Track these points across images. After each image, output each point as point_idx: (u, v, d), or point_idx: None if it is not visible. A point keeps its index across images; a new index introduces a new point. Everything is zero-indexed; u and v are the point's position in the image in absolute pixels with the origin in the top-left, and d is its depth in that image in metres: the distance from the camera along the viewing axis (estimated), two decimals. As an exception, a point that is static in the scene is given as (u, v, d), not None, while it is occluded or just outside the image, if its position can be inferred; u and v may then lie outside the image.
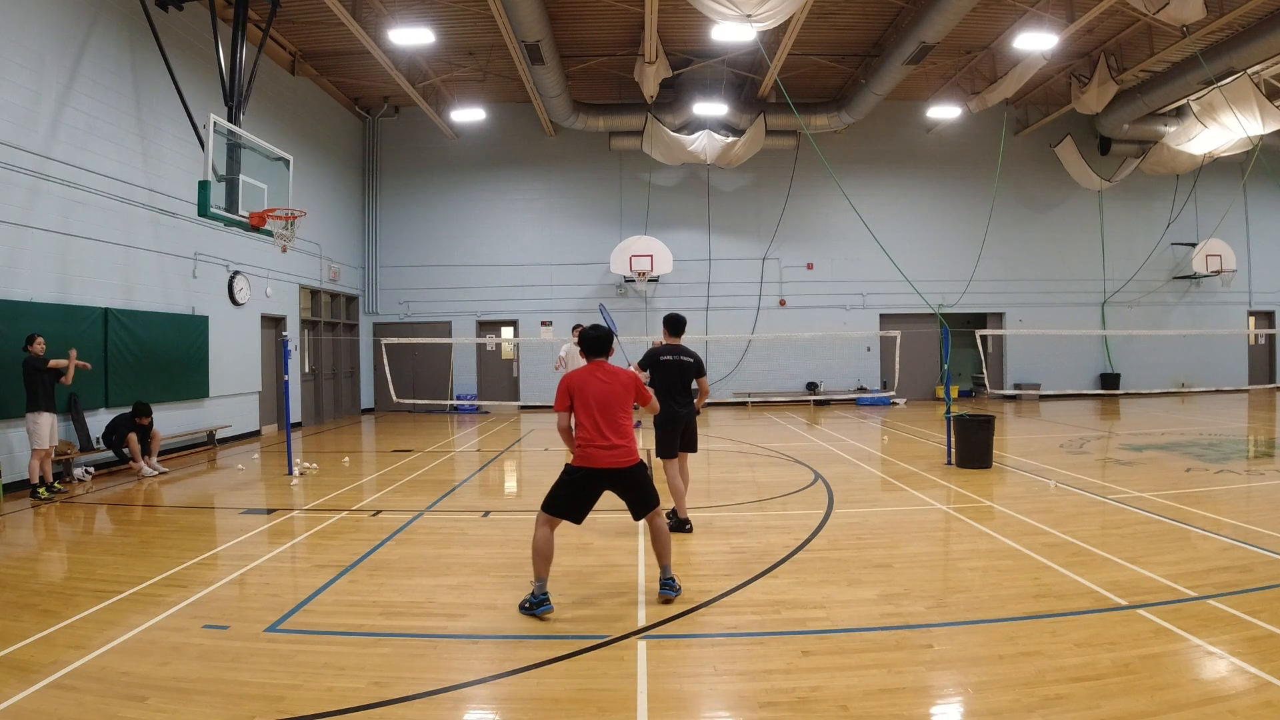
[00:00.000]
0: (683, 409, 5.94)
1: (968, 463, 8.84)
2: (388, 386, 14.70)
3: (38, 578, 5.35)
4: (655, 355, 5.95)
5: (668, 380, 5.89)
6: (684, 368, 5.93)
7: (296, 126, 15.07)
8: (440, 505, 7.38)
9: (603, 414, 4.30)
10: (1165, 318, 19.84)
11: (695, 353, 6.04)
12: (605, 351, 4.57)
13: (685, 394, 5.98)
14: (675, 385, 5.91)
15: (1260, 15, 13.02)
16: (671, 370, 5.91)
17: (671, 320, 6.15)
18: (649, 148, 17.34)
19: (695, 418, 6.09)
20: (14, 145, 8.46)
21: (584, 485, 4.33)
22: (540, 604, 4.21)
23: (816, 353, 18.49)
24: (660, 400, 5.67)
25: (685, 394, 5.98)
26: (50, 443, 8.04)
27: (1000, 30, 14.56)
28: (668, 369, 5.90)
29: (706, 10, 11.44)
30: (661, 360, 5.91)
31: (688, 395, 6.00)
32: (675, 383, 5.91)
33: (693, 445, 6.15)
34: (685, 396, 5.98)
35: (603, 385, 4.36)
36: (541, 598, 4.23)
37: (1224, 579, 4.63)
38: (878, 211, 17.48)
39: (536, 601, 4.23)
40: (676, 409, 5.90)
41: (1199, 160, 18.04)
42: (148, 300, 10.71)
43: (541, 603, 4.21)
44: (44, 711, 3.20)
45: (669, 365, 5.90)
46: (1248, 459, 9.41)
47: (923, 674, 3.47)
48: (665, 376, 5.89)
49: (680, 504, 6.03)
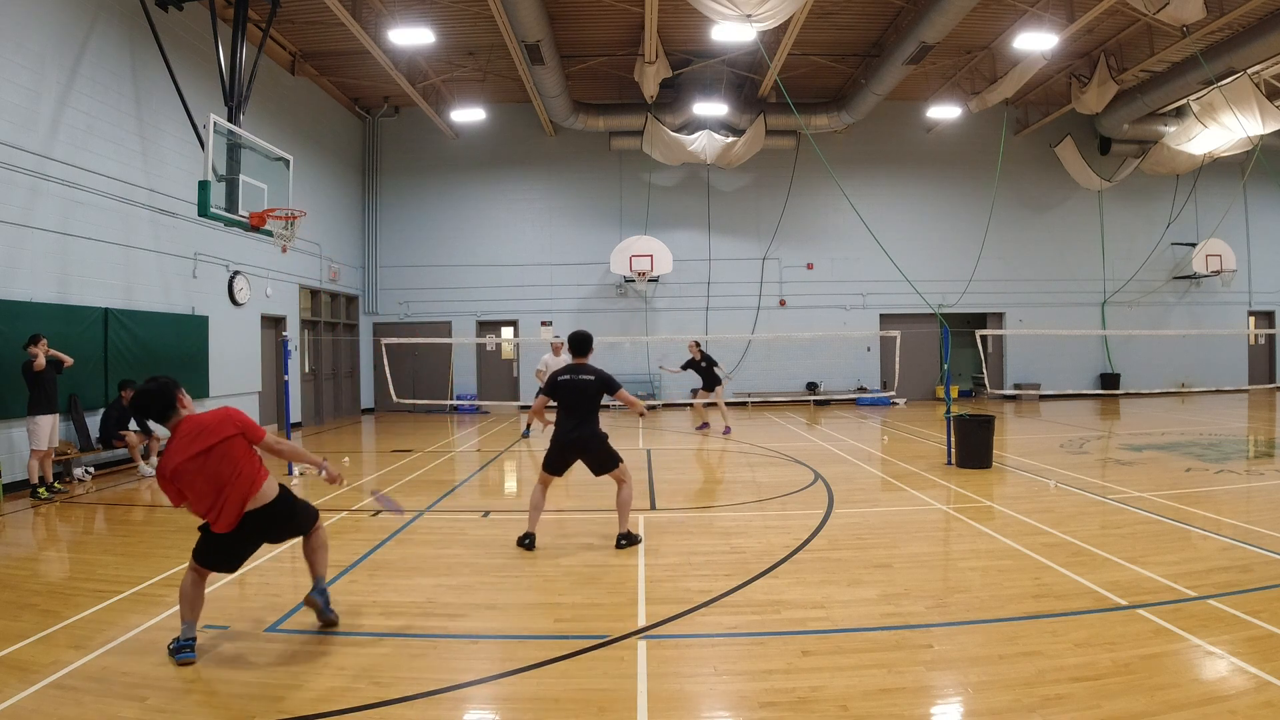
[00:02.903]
0: (574, 432, 5.63)
1: (968, 463, 8.84)
2: (388, 386, 14.70)
3: (38, 578, 5.35)
4: (554, 377, 5.73)
5: (565, 401, 5.66)
6: (582, 388, 5.64)
7: (296, 126, 15.07)
8: (440, 505, 7.38)
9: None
10: (1165, 318, 19.84)
11: (599, 371, 5.74)
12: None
13: (586, 415, 5.65)
14: (573, 406, 5.64)
15: (1260, 15, 13.02)
16: (568, 391, 5.65)
17: (573, 339, 5.86)
18: (649, 148, 17.34)
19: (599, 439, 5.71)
20: (14, 145, 8.46)
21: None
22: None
23: (816, 353, 18.47)
24: (557, 421, 5.68)
25: (586, 415, 5.65)
26: (50, 444, 8.03)
27: (1000, 30, 14.56)
28: (565, 389, 5.65)
29: (706, 10, 11.45)
30: (559, 381, 5.68)
31: (589, 416, 5.68)
32: (573, 404, 5.64)
33: (600, 467, 5.78)
34: (584, 418, 5.64)
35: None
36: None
37: (1224, 579, 4.63)
38: (878, 211, 17.48)
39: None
40: (564, 431, 5.65)
41: (1199, 160, 18.04)
42: (148, 300, 10.71)
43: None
44: (44, 711, 3.20)
45: (565, 385, 5.65)
46: (1248, 459, 9.41)
47: (923, 674, 3.47)
48: (563, 397, 5.66)
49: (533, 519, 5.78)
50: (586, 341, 5.85)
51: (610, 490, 5.96)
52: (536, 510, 5.81)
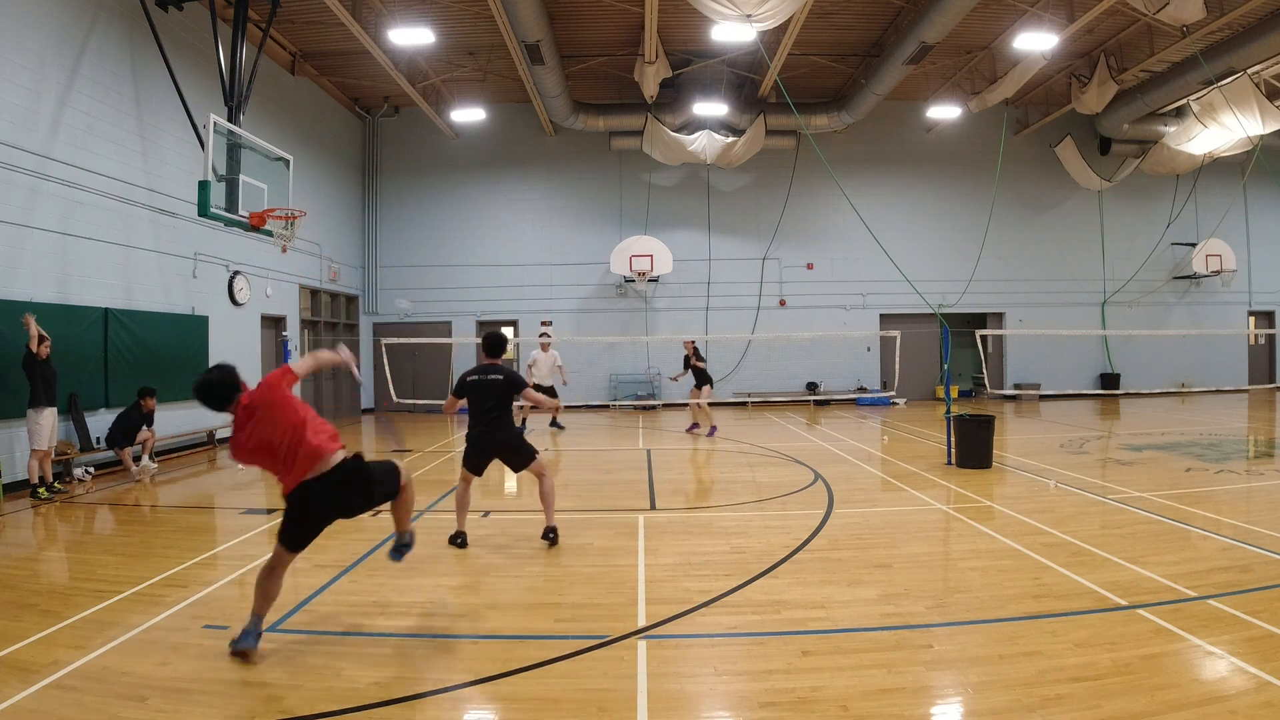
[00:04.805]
0: (484, 429, 5.71)
1: (968, 463, 8.84)
2: (388, 386, 14.70)
3: (38, 578, 5.36)
4: (463, 378, 5.79)
5: (475, 401, 5.72)
6: (490, 387, 5.69)
7: (296, 126, 15.07)
8: (440, 505, 7.37)
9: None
10: (1165, 318, 19.83)
11: (508, 370, 5.80)
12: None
13: (496, 414, 5.72)
14: (482, 405, 5.70)
15: (1260, 15, 13.02)
16: (475, 390, 5.71)
17: (486, 340, 5.91)
18: (649, 148, 17.34)
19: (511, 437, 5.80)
20: (14, 145, 8.46)
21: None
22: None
23: (816, 353, 18.45)
24: (470, 421, 5.74)
25: (496, 414, 5.72)
26: (50, 443, 8.03)
27: (1000, 30, 14.56)
28: (474, 389, 5.72)
29: (706, 10, 11.45)
30: (468, 381, 5.75)
31: (499, 415, 5.74)
32: (482, 402, 5.70)
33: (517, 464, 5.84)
34: (495, 416, 5.72)
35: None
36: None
37: (1224, 579, 4.63)
38: (878, 211, 17.47)
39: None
40: (476, 432, 5.72)
41: (1199, 160, 18.03)
42: (148, 300, 10.71)
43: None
44: (44, 711, 3.20)
45: (474, 385, 5.72)
46: (1248, 459, 9.40)
47: (923, 674, 3.47)
48: (473, 397, 5.72)
49: (460, 518, 5.85)
50: (500, 342, 5.92)
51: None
52: (463, 509, 5.89)
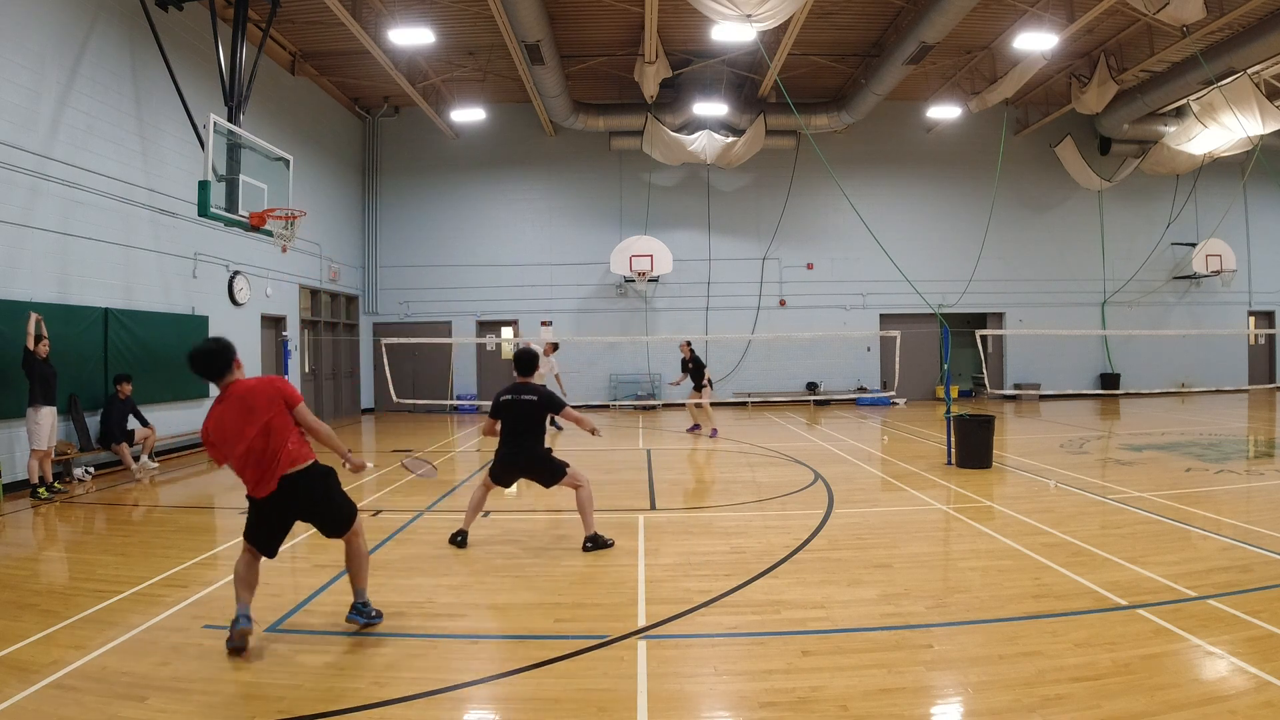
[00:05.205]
0: (516, 453, 5.62)
1: (968, 463, 8.84)
2: (388, 386, 14.70)
3: (38, 578, 5.36)
4: (497, 397, 5.72)
5: (508, 421, 5.64)
6: (524, 408, 5.61)
7: (296, 126, 15.07)
8: (440, 505, 7.37)
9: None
10: (1165, 318, 19.84)
11: (542, 389, 5.67)
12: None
13: (528, 435, 5.63)
14: (516, 426, 5.62)
15: (1260, 15, 13.02)
16: (509, 410, 5.63)
17: (517, 358, 5.81)
18: (649, 148, 17.34)
19: (539, 456, 5.67)
20: (14, 145, 8.46)
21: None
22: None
23: (816, 353, 18.46)
24: (501, 440, 5.65)
25: (528, 435, 5.63)
26: (49, 443, 8.03)
27: (1000, 30, 14.56)
28: (507, 410, 5.64)
29: (706, 10, 11.45)
30: (502, 401, 5.67)
31: (530, 436, 5.64)
32: (516, 423, 5.62)
33: (547, 481, 5.72)
34: (527, 438, 5.63)
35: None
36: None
37: (1224, 579, 4.63)
38: (878, 211, 17.47)
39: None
40: (507, 451, 5.65)
41: (1199, 160, 18.04)
42: (148, 300, 10.71)
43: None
44: (44, 711, 3.20)
45: (508, 406, 5.64)
46: (1248, 459, 9.41)
47: (923, 674, 3.47)
48: (506, 418, 5.65)
49: (468, 518, 5.87)
50: (531, 360, 5.79)
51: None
52: (474, 511, 5.90)
